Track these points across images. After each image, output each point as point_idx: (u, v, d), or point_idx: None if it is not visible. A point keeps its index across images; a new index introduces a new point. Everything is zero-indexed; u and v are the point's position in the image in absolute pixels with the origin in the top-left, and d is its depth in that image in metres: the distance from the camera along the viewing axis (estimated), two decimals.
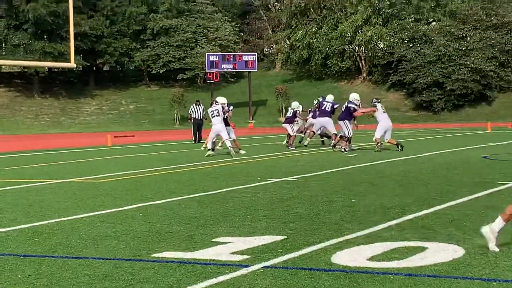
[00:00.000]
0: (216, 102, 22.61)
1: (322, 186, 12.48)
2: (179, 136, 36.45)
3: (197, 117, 31.24)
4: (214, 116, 21.79)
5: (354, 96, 23.18)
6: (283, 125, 25.86)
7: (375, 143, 22.07)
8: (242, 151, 22.50)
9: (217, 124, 21.61)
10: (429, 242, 7.15)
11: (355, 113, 22.83)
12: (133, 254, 7.00)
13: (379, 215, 8.99)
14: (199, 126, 31.22)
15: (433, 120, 58.47)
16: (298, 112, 25.70)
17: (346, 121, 22.34)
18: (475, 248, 6.86)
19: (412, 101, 62.63)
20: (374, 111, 22.63)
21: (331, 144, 23.34)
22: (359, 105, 23.18)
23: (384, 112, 22.49)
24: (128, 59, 70.49)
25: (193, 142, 30.46)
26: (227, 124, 22.43)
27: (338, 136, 22.76)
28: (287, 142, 25.49)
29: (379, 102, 22.76)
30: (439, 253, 6.66)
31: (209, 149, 21.68)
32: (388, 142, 22.29)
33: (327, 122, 24.21)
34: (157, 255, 6.91)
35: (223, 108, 22.22)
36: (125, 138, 38.12)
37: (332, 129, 24.24)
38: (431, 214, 9.02)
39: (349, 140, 22.42)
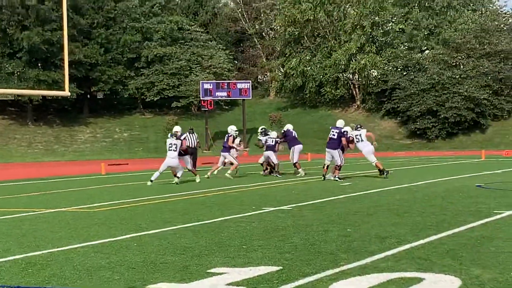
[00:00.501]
0: (173, 135, 23.27)
1: (317, 215, 12.43)
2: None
3: (191, 145, 31.19)
4: (170, 150, 22.61)
5: (343, 123, 23.45)
6: (265, 153, 25.82)
7: (379, 169, 22.49)
8: (197, 179, 23.51)
9: (172, 159, 22.43)
10: (426, 273, 7.10)
11: (345, 141, 22.77)
12: (127, 285, 6.93)
13: (375, 245, 8.94)
14: (193, 154, 31.14)
15: (427, 148, 58.59)
16: (279, 141, 25.78)
17: (339, 149, 22.36)
18: (472, 279, 6.82)
19: (406, 129, 62.82)
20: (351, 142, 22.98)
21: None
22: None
23: (358, 141, 22.72)
24: (122, 87, 70.57)
25: (186, 170, 30.40)
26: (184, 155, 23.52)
27: (325, 166, 22.69)
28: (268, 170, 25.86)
29: (356, 129, 23.14)
30: (436, 284, 6.62)
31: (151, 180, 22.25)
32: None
33: (301, 148, 26.01)
34: (152, 286, 6.85)
35: (181, 144, 23.03)
36: (119, 166, 38.03)
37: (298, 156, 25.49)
38: (427, 244, 8.98)
39: (340, 168, 22.40)
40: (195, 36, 73.23)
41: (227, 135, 25.67)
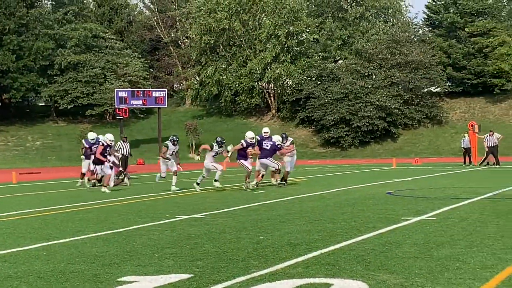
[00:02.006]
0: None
1: (230, 223, 12.49)
2: (88, 173, 35.81)
3: (124, 153, 30.79)
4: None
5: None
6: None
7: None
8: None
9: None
10: (334, 279, 7.23)
11: (280, 152, 23.06)
12: None
13: (286, 252, 9.05)
14: (125, 162, 30.77)
15: (341, 156, 59.42)
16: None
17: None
18: (379, 283, 6.97)
19: (320, 137, 63.55)
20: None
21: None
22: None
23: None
24: (35, 94, 69.22)
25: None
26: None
27: (261, 175, 22.82)
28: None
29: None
30: None
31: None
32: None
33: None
34: None
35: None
36: (31, 175, 37.31)
37: None
38: (337, 250, 9.14)
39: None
40: (110, 44, 72.47)
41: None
